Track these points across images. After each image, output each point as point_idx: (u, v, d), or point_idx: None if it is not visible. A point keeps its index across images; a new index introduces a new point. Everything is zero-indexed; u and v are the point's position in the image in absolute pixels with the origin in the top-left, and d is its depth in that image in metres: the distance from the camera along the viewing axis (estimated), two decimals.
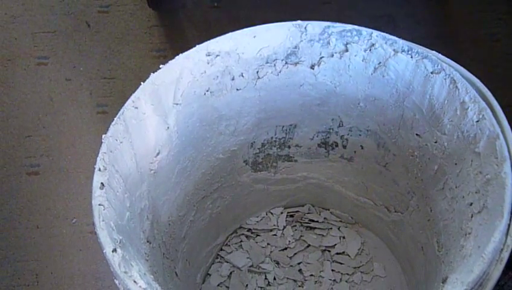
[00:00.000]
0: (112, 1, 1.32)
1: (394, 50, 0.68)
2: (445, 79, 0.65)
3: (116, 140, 0.64)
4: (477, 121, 0.61)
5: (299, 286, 0.88)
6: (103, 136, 0.63)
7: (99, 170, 0.60)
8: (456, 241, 0.62)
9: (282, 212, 0.95)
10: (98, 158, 0.61)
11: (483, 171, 0.59)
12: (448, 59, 0.66)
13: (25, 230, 1.04)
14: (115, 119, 0.64)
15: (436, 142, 0.68)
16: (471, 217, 0.59)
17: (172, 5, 1.30)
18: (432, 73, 0.66)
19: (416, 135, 0.72)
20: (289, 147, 0.87)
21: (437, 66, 0.65)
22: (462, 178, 0.64)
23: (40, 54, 1.25)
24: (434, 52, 0.67)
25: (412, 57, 0.67)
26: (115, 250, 0.54)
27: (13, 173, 1.11)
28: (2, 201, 1.07)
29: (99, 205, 0.57)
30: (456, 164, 0.65)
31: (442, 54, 0.67)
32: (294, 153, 0.88)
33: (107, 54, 1.24)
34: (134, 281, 0.52)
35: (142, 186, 0.67)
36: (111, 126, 0.64)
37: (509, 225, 0.54)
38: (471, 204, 0.60)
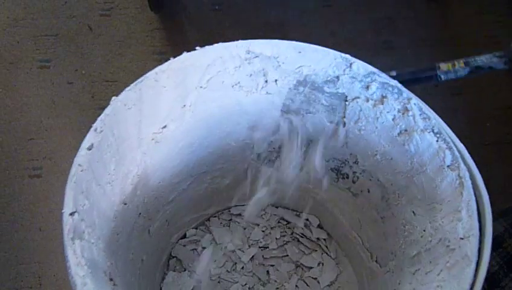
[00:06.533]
0: (114, 4, 1.29)
1: (424, 126, 0.65)
2: (456, 179, 0.61)
3: (125, 105, 0.65)
4: (462, 239, 0.58)
5: (261, 285, 0.90)
6: (113, 98, 0.64)
7: (95, 130, 0.62)
8: None
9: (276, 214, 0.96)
10: (99, 118, 0.63)
11: (444, 288, 0.57)
12: (466, 152, 0.62)
13: (27, 232, 1.05)
14: (131, 85, 0.65)
15: (424, 230, 0.66)
16: None
17: (174, 8, 1.27)
18: (447, 167, 0.62)
19: (413, 212, 0.69)
20: (304, 158, 0.86)
21: (455, 162, 0.61)
22: (428, 279, 0.62)
23: (42, 57, 1.25)
24: (461, 145, 0.63)
25: (437, 141, 0.64)
26: (72, 213, 0.57)
27: (16, 175, 1.12)
28: (5, 204, 1.09)
29: (79, 165, 0.60)
30: (430, 262, 0.63)
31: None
32: None
33: (109, 57, 1.22)
34: (74, 252, 0.55)
35: (137, 152, 0.69)
36: (124, 91, 0.65)
37: None
38: None
